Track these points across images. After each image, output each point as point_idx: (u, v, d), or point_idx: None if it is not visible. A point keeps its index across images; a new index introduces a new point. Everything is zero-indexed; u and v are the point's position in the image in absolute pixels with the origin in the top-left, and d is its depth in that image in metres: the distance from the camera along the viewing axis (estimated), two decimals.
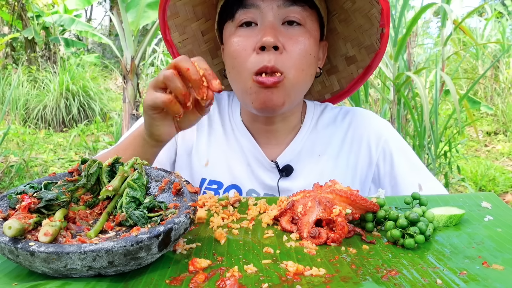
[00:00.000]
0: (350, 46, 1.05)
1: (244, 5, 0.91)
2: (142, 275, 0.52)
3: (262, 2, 0.90)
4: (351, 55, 1.06)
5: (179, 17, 1.03)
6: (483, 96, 6.79)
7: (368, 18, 0.99)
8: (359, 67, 1.07)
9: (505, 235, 0.64)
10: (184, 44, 1.09)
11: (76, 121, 6.52)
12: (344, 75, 1.10)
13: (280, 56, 0.88)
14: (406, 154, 1.01)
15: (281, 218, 0.70)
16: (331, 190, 0.68)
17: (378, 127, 1.04)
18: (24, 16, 7.49)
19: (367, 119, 1.05)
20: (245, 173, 1.03)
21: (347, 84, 1.11)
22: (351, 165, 1.02)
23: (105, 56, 10.80)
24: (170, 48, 1.09)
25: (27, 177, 4.22)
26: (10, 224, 0.50)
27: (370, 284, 0.50)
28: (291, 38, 0.89)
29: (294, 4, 0.90)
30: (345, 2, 0.99)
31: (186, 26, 1.06)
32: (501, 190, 3.99)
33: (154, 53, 6.13)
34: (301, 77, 0.91)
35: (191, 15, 1.04)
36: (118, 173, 0.66)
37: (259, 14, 0.90)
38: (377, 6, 0.94)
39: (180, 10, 1.02)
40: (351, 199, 0.66)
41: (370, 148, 1.01)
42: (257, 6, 0.90)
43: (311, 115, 1.06)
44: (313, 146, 1.03)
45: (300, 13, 0.90)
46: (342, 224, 0.63)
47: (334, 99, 1.15)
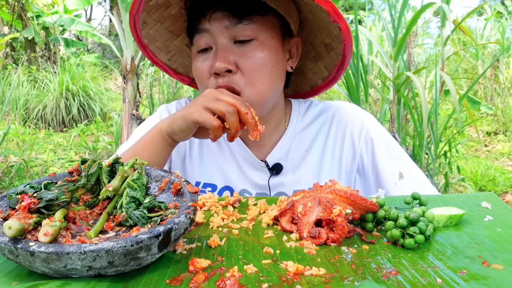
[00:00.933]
0: (325, 34, 1.04)
1: (197, 30, 0.94)
2: (142, 275, 0.52)
3: (210, 26, 0.92)
4: (328, 42, 1.05)
5: (157, 40, 1.08)
6: (483, 96, 6.79)
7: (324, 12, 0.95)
8: (337, 54, 1.05)
9: (505, 235, 0.64)
10: (173, 60, 1.14)
11: (76, 121, 6.52)
12: (328, 61, 1.09)
13: (234, 76, 0.91)
14: (387, 143, 1.05)
15: (281, 218, 0.70)
16: (331, 190, 0.68)
17: (360, 118, 1.07)
18: (24, 16, 7.48)
19: (349, 112, 1.09)
20: (236, 174, 1.07)
21: (332, 69, 1.10)
22: (337, 158, 1.06)
23: (105, 56, 10.80)
24: (162, 67, 1.14)
25: (27, 177, 4.22)
26: (10, 224, 0.50)
27: (370, 283, 0.50)
28: (243, 56, 0.91)
29: (240, 22, 0.91)
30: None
31: (168, 45, 1.11)
32: (501, 190, 3.99)
33: None
34: (261, 91, 0.93)
35: (169, 35, 1.09)
36: (118, 173, 0.66)
37: (212, 37, 0.93)
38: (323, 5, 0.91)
39: (155, 35, 1.07)
40: (351, 199, 0.66)
41: (353, 139, 1.05)
42: (207, 30, 0.93)
43: (296, 114, 1.09)
44: (300, 144, 1.07)
45: (249, 28, 0.91)
46: (342, 224, 0.63)
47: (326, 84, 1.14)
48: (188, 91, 6.06)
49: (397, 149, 1.05)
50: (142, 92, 5.39)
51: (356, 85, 2.73)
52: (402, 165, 1.02)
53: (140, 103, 3.39)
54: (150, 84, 5.68)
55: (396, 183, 1.00)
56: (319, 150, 1.07)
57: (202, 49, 0.95)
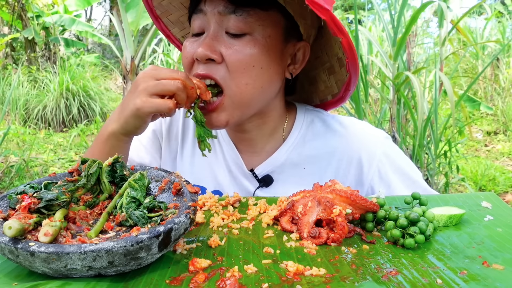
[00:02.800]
0: (337, 47, 0.93)
1: (195, 9, 0.87)
2: (142, 275, 0.52)
3: (208, 7, 0.85)
4: (340, 57, 0.95)
5: (172, 14, 1.03)
6: (483, 96, 6.79)
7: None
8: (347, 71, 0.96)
9: (505, 235, 0.64)
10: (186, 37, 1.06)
11: (76, 121, 6.52)
12: (339, 77, 0.99)
13: (217, 66, 0.83)
14: (403, 171, 0.96)
15: (281, 218, 0.70)
16: (331, 190, 0.68)
17: (372, 143, 0.96)
18: (24, 16, 7.48)
19: (361, 133, 0.98)
20: (227, 179, 1.02)
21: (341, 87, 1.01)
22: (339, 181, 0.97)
23: (105, 56, 10.80)
24: (174, 43, 1.09)
25: (27, 177, 4.22)
26: (10, 224, 0.50)
27: (370, 283, 0.50)
28: (230, 48, 0.82)
29: (236, 10, 0.82)
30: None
31: (183, 21, 1.05)
32: (501, 190, 3.99)
33: (154, 53, 6.12)
34: (245, 92, 0.84)
35: (184, 11, 1.02)
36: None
37: (206, 21, 0.85)
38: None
39: (169, 8, 1.01)
40: (351, 199, 0.66)
41: (362, 167, 0.95)
42: (203, 11, 0.85)
43: (300, 124, 0.99)
44: (299, 158, 0.98)
45: (242, 20, 0.82)
46: (342, 224, 0.63)
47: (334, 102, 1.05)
48: None
49: (413, 174, 0.96)
50: None
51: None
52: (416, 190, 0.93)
53: None
54: None
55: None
56: (319, 170, 0.97)
57: (196, 33, 0.87)
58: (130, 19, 3.32)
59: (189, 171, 1.04)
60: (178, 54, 5.80)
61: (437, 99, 2.89)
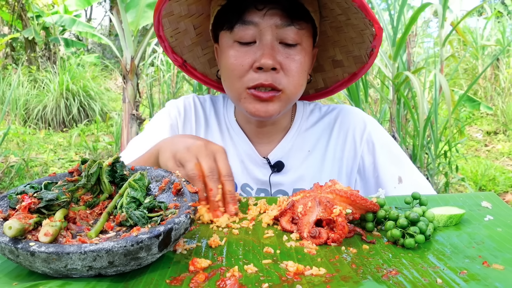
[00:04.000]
0: (339, 51, 1.09)
1: (243, 20, 0.92)
2: (142, 275, 0.52)
3: (261, 20, 0.91)
4: (339, 59, 1.10)
5: (173, 15, 1.05)
6: (483, 96, 6.79)
7: (360, 35, 1.02)
8: (345, 71, 1.12)
9: (505, 235, 0.64)
10: (176, 37, 1.11)
11: (76, 121, 6.52)
12: (329, 75, 1.14)
13: (277, 75, 0.92)
14: (388, 147, 1.06)
15: (281, 218, 0.70)
16: (331, 190, 0.68)
17: (363, 121, 1.09)
18: (24, 16, 7.48)
19: (353, 114, 1.11)
20: (239, 169, 1.08)
21: (331, 84, 1.16)
22: (338, 158, 1.08)
23: (105, 56, 10.79)
24: (162, 43, 1.11)
25: (27, 177, 4.22)
26: (11, 224, 0.50)
27: (370, 283, 0.50)
28: (288, 58, 0.93)
29: (291, 24, 0.92)
30: (339, 15, 1.01)
31: (179, 21, 1.08)
32: (501, 190, 3.99)
33: (154, 53, 6.12)
34: (298, 91, 0.98)
35: (185, 12, 1.06)
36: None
37: (258, 32, 0.92)
38: (371, 29, 0.96)
39: (175, 8, 1.04)
40: (351, 199, 0.66)
41: (355, 141, 1.07)
42: (256, 23, 0.92)
43: (300, 114, 1.11)
44: (303, 143, 1.09)
45: (297, 33, 0.93)
46: (342, 224, 0.63)
47: (317, 96, 1.19)
48: (188, 91, 6.06)
49: (398, 153, 1.06)
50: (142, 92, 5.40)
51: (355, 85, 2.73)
52: (402, 169, 1.03)
53: (140, 103, 3.38)
54: (150, 84, 5.68)
55: (395, 187, 1.01)
56: (321, 151, 1.08)
57: (245, 42, 0.93)
58: (130, 19, 3.32)
59: None
60: None
61: (437, 99, 2.89)
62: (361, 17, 0.96)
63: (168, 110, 1.13)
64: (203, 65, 1.18)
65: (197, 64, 1.18)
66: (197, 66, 1.18)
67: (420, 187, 1.00)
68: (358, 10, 0.94)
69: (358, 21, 0.98)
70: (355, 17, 0.98)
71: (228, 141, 1.10)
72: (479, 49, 6.55)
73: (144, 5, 3.38)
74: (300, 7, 0.93)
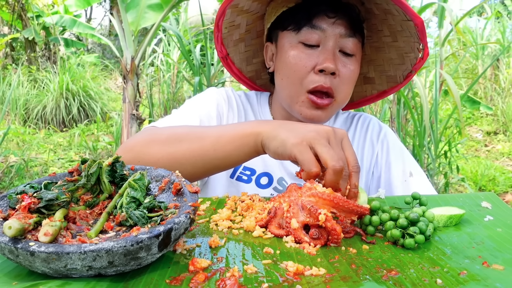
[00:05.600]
0: (372, 70, 1.16)
1: (312, 24, 0.98)
2: (142, 275, 0.52)
3: (329, 27, 0.98)
4: (370, 77, 1.17)
5: (237, 7, 1.08)
6: (483, 96, 6.79)
7: (402, 57, 1.08)
8: (374, 88, 1.18)
9: (505, 235, 0.64)
10: (229, 30, 1.15)
11: (76, 121, 6.52)
12: (357, 90, 1.19)
13: (334, 80, 0.98)
14: (400, 148, 1.14)
15: (269, 226, 0.68)
16: (312, 194, 0.66)
17: (379, 125, 1.19)
18: (24, 16, 7.48)
19: (370, 119, 1.20)
20: (276, 162, 1.10)
21: (357, 98, 1.23)
22: (359, 158, 1.14)
23: (105, 56, 10.79)
24: (217, 32, 1.14)
25: (27, 177, 4.22)
26: (10, 224, 0.50)
27: (370, 283, 0.50)
28: (345, 66, 0.99)
29: (353, 36, 0.99)
30: (386, 36, 1.08)
31: (238, 15, 1.12)
32: (501, 190, 3.99)
33: (154, 53, 6.12)
34: (347, 100, 1.05)
35: (247, 7, 1.10)
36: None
37: (323, 37, 0.98)
38: (416, 53, 1.03)
39: (241, 1, 1.07)
40: (334, 201, 0.65)
41: (372, 141, 1.15)
42: (323, 29, 0.98)
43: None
44: None
45: (356, 44, 1.00)
46: (333, 228, 0.62)
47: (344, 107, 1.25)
48: (188, 91, 6.05)
49: (408, 154, 1.14)
50: (142, 92, 5.39)
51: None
52: (411, 166, 1.10)
53: (140, 103, 3.38)
54: (150, 84, 5.68)
55: (406, 180, 1.07)
56: None
57: (310, 45, 0.99)
58: (130, 19, 3.32)
59: None
60: (177, 54, 5.80)
61: (437, 99, 2.89)
62: (411, 41, 1.03)
63: (213, 92, 1.15)
64: (241, 61, 1.22)
65: (237, 59, 1.22)
66: (236, 61, 1.22)
67: (427, 183, 1.06)
68: (411, 34, 1.01)
69: (405, 44, 1.05)
70: (404, 40, 1.05)
71: None
72: (479, 49, 6.55)
73: (144, 5, 3.38)
74: (361, 23, 1.02)
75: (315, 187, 0.68)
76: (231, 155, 0.81)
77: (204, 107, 1.10)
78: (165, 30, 5.53)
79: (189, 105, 1.12)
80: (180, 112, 1.08)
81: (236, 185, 1.10)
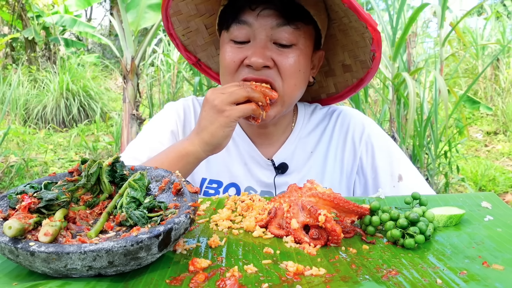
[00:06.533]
0: (347, 56, 1.10)
1: (238, 20, 0.94)
2: (142, 275, 0.52)
3: (255, 20, 0.93)
4: (348, 64, 1.11)
5: (181, 14, 1.07)
6: (483, 96, 6.79)
7: (362, 38, 1.02)
8: (353, 76, 1.12)
9: (505, 235, 0.64)
10: (187, 36, 1.13)
11: (76, 121, 6.52)
12: (340, 80, 1.15)
13: (271, 71, 0.94)
14: (388, 147, 1.08)
15: (269, 226, 0.68)
16: (313, 194, 0.66)
17: (361, 123, 1.10)
18: (24, 16, 7.48)
19: (352, 116, 1.12)
20: (242, 171, 1.08)
21: (342, 89, 1.16)
22: (339, 159, 1.09)
23: (105, 56, 10.79)
24: (174, 40, 1.13)
25: (27, 177, 4.22)
26: (10, 224, 0.50)
27: (370, 283, 0.50)
28: (281, 55, 0.94)
29: (287, 24, 0.92)
30: (343, 17, 1.01)
31: (189, 21, 1.09)
32: (501, 190, 3.99)
33: (154, 53, 6.12)
34: (293, 92, 0.98)
35: (194, 11, 1.07)
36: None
37: (252, 32, 0.94)
38: (368, 31, 0.95)
39: (182, 8, 1.05)
40: (334, 202, 0.65)
41: (354, 142, 1.09)
42: (250, 23, 0.94)
43: (302, 116, 1.12)
44: (305, 145, 1.10)
45: (292, 33, 0.93)
46: (333, 228, 0.62)
47: (329, 100, 1.19)
48: (188, 91, 6.06)
49: (397, 153, 1.07)
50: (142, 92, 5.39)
51: None
52: (401, 168, 1.04)
53: (140, 103, 3.38)
54: (150, 84, 5.68)
55: (395, 185, 1.02)
56: (322, 152, 1.09)
57: (240, 41, 0.96)
58: (130, 19, 3.32)
59: (205, 167, 1.09)
60: (178, 55, 5.80)
61: (437, 99, 2.89)
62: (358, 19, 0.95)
63: (168, 114, 1.12)
64: (217, 64, 1.19)
65: (212, 63, 1.20)
66: (212, 65, 1.20)
67: (419, 185, 1.01)
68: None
69: (357, 23, 0.98)
70: (355, 19, 0.97)
71: (230, 143, 1.08)
72: (479, 49, 6.55)
73: (144, 5, 3.38)
74: (299, 8, 0.93)
75: (315, 188, 0.69)
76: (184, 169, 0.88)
77: (156, 135, 1.07)
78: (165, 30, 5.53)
79: (142, 136, 1.09)
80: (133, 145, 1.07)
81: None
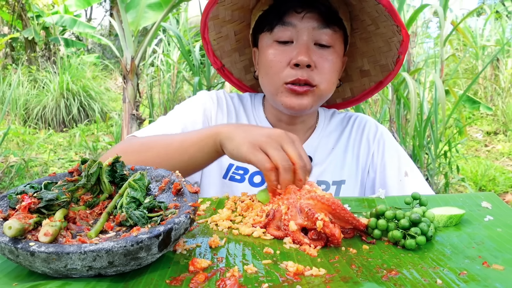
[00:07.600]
0: (366, 62, 1.18)
1: (282, 22, 1.01)
2: (142, 275, 0.52)
3: (299, 22, 1.00)
4: (366, 69, 1.19)
5: (218, 18, 1.13)
6: (483, 96, 6.79)
7: (387, 43, 1.09)
8: (371, 80, 1.20)
9: (505, 235, 0.64)
10: (218, 41, 1.19)
11: (76, 121, 6.52)
12: (356, 85, 1.23)
13: (312, 72, 1.00)
14: (396, 148, 1.17)
15: (268, 228, 0.68)
16: (312, 196, 0.66)
17: (376, 125, 1.21)
18: (24, 16, 7.48)
19: (367, 120, 1.23)
20: None
21: (358, 93, 1.24)
22: (355, 155, 1.18)
23: (105, 56, 10.79)
24: (206, 45, 1.18)
25: (27, 177, 4.22)
26: (10, 224, 0.50)
27: (370, 284, 0.50)
28: (321, 57, 1.01)
29: (327, 27, 1.01)
30: (369, 25, 1.09)
31: (222, 26, 1.15)
32: (501, 190, 3.99)
33: (154, 53, 6.12)
34: (329, 88, 1.05)
35: (229, 17, 1.14)
36: None
37: (295, 33, 1.01)
38: (398, 36, 1.05)
39: (221, 12, 1.11)
40: (332, 207, 0.64)
41: (369, 141, 1.18)
42: (294, 25, 1.01)
43: (323, 118, 1.21)
44: (327, 142, 1.18)
45: (331, 35, 1.02)
46: (332, 233, 0.61)
47: (344, 104, 1.29)
48: (188, 91, 6.05)
49: (404, 154, 1.16)
50: (142, 92, 5.39)
51: None
52: (407, 166, 1.12)
53: (140, 103, 3.38)
54: (150, 84, 5.68)
55: (401, 180, 1.09)
56: (342, 148, 1.18)
57: (283, 41, 1.02)
58: (130, 19, 3.32)
59: None
60: (177, 55, 5.79)
61: (437, 99, 2.89)
62: (389, 25, 1.05)
63: (202, 96, 1.17)
64: (239, 71, 1.25)
65: (234, 69, 1.25)
66: (234, 71, 1.26)
67: (423, 182, 1.08)
68: (387, 17, 1.02)
69: (386, 29, 1.06)
70: (384, 26, 1.06)
71: None
72: (479, 50, 6.55)
73: (144, 5, 3.38)
74: (335, 14, 1.02)
75: (314, 190, 0.69)
76: (194, 157, 0.86)
77: (189, 113, 1.11)
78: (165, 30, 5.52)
79: (175, 112, 1.14)
80: (164, 120, 1.11)
81: (230, 185, 1.11)
